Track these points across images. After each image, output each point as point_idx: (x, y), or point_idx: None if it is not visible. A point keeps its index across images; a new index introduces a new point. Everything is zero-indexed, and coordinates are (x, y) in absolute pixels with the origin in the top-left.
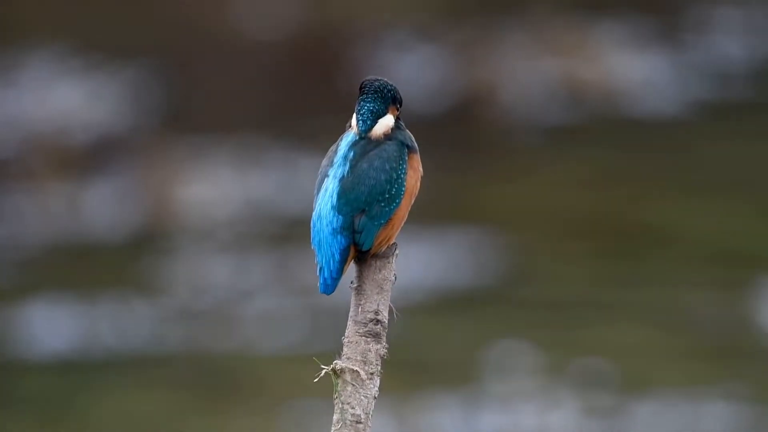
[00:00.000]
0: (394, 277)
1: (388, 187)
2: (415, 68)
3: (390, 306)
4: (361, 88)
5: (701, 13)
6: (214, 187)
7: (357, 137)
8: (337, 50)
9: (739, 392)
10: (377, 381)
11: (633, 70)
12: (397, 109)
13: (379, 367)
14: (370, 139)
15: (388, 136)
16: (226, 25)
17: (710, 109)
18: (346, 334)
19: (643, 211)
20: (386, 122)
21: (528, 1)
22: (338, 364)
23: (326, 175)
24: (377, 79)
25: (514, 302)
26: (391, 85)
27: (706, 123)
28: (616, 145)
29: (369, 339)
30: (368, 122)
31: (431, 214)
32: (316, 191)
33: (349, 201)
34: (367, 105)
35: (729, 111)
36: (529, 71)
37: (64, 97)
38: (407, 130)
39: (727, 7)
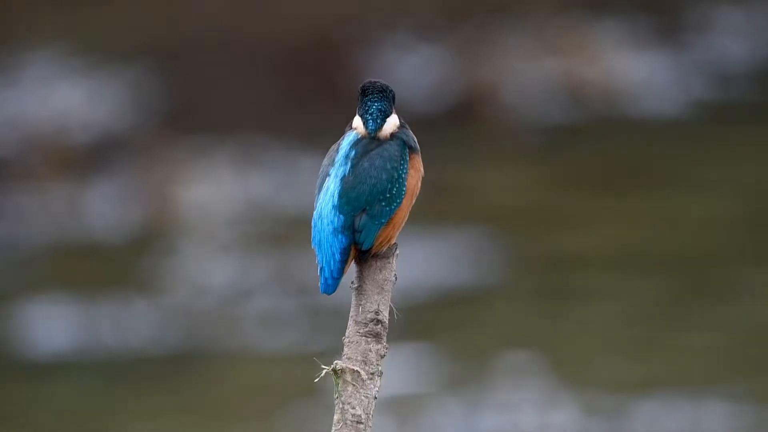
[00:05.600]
0: (394, 278)
1: (389, 186)
2: (415, 68)
3: (390, 306)
4: (364, 90)
5: (701, 13)
6: (215, 187)
7: (359, 136)
8: (337, 50)
9: (740, 392)
10: (378, 381)
11: (633, 70)
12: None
13: (380, 367)
14: (374, 138)
15: (393, 135)
16: (227, 25)
17: (711, 109)
18: (346, 334)
19: (643, 210)
20: (393, 121)
21: (528, 0)
22: (339, 364)
23: (327, 175)
24: (378, 80)
25: (513, 302)
26: (390, 86)
27: (706, 123)
28: (616, 145)
29: (369, 339)
30: (378, 121)
31: (431, 213)
32: (317, 191)
33: (351, 200)
34: (375, 105)
35: (729, 111)
36: (530, 71)
37: (64, 97)
38: (410, 130)
39: (728, 7)
